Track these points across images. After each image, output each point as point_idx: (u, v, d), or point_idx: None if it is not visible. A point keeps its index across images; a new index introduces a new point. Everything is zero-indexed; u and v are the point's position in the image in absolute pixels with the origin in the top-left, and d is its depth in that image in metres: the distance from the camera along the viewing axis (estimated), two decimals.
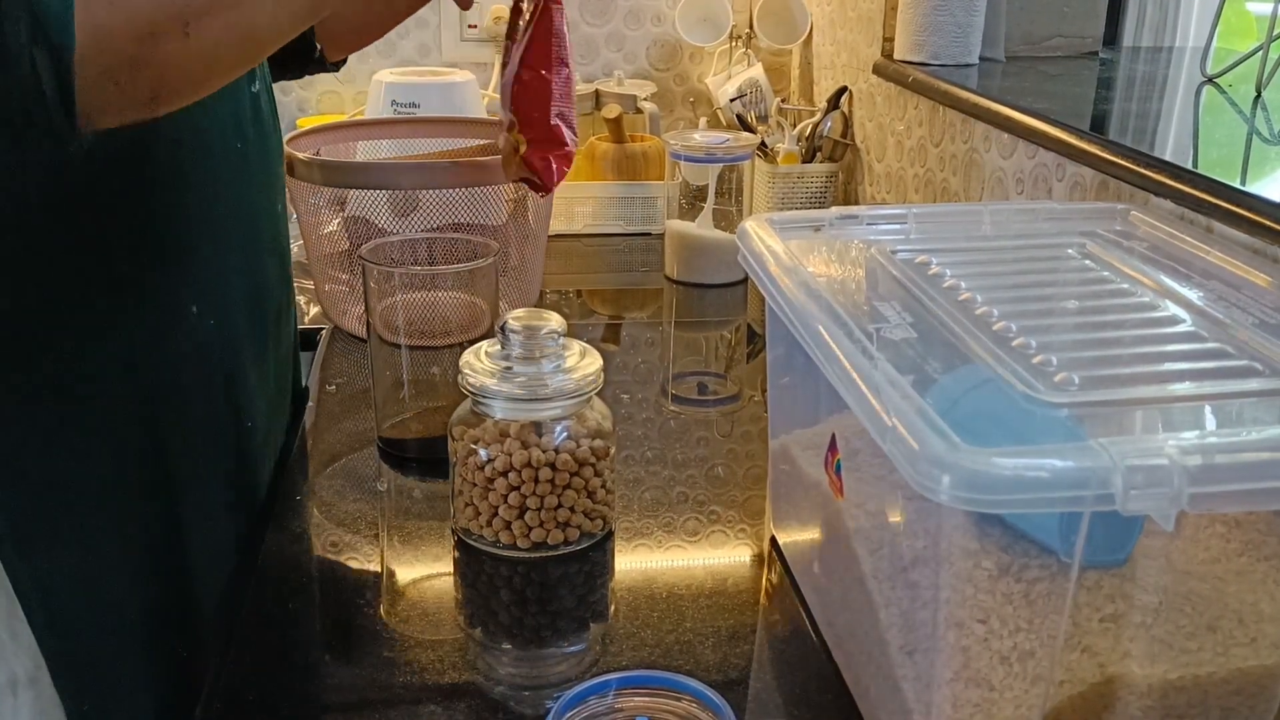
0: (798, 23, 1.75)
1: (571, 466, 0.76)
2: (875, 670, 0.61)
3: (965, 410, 0.52)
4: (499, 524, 0.77)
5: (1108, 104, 1.18)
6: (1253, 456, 0.46)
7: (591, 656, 0.68)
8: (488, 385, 0.75)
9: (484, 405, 0.76)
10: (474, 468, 0.76)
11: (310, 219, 1.15)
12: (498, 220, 1.14)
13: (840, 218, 0.77)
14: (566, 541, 0.77)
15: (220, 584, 0.81)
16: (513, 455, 0.75)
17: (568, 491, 0.76)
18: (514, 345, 0.75)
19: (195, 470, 0.77)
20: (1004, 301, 0.62)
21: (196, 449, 0.77)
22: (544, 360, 0.75)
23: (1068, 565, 0.50)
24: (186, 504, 0.76)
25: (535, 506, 0.76)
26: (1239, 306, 0.62)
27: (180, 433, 0.75)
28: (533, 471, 0.75)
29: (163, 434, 0.74)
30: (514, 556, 0.77)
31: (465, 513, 0.79)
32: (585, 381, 0.76)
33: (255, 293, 0.82)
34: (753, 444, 0.97)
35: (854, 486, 0.62)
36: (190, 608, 0.77)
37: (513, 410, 0.75)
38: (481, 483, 0.76)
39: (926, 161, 1.31)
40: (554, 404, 0.75)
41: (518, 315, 0.76)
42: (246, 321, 0.81)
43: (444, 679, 0.67)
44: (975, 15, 1.28)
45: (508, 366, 0.75)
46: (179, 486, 0.75)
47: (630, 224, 1.56)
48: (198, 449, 0.77)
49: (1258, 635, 0.54)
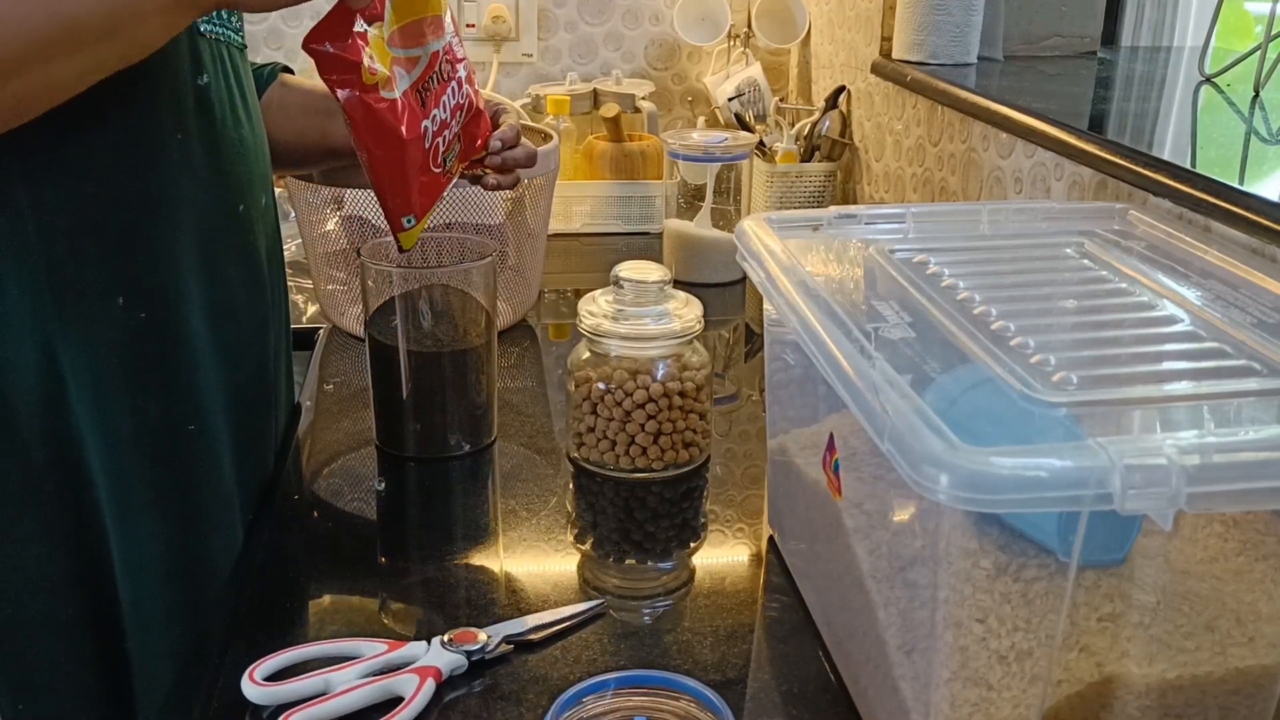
0: (796, 22, 1.75)
1: (692, 393, 0.88)
2: (873, 670, 0.61)
3: (963, 410, 0.52)
4: (635, 450, 0.88)
5: (1106, 103, 1.18)
6: (1251, 456, 0.46)
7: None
8: (604, 325, 0.88)
9: (600, 345, 0.88)
10: (612, 404, 0.87)
11: (308, 218, 1.15)
12: (496, 220, 1.14)
13: (839, 217, 0.77)
14: (690, 461, 0.90)
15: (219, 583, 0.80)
16: (649, 387, 0.87)
17: (690, 415, 0.89)
18: (627, 293, 0.88)
19: (118, 469, 0.73)
20: (1002, 301, 0.62)
21: (119, 445, 0.73)
22: (651, 306, 0.88)
23: (1066, 565, 0.50)
24: (115, 504, 0.73)
25: (669, 431, 0.88)
26: (1237, 306, 0.62)
27: (100, 427, 0.72)
28: (667, 400, 0.87)
29: (78, 427, 0.71)
30: (645, 479, 0.89)
31: (597, 446, 0.89)
32: (690, 323, 0.88)
33: (213, 293, 0.78)
34: (751, 443, 0.97)
35: (852, 486, 0.62)
36: (121, 611, 0.75)
37: (635, 348, 0.87)
38: (620, 416, 0.87)
39: (925, 161, 1.31)
40: (659, 343, 0.87)
41: (628, 266, 0.90)
42: (202, 321, 0.78)
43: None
44: (973, 14, 1.28)
45: (620, 310, 0.88)
46: (105, 487, 0.73)
47: (628, 223, 1.56)
48: (120, 445, 0.73)
49: (1255, 635, 0.54)
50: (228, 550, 0.82)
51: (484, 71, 1.78)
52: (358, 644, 0.68)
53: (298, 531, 0.84)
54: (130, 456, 0.74)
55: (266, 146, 0.87)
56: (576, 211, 1.55)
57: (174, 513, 0.77)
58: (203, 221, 0.77)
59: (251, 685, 0.64)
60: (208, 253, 0.78)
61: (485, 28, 1.76)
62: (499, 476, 0.92)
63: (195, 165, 0.76)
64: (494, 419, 0.95)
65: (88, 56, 0.63)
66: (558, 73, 1.81)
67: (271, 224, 0.89)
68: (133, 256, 0.72)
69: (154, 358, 0.74)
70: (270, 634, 0.71)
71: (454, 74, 0.85)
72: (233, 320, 0.81)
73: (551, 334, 1.24)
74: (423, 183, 0.84)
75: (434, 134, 0.83)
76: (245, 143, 0.82)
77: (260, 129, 0.86)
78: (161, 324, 0.75)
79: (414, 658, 0.66)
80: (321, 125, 0.95)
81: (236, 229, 0.81)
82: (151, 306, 0.74)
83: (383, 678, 0.65)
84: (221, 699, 0.65)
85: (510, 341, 1.18)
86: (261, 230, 0.85)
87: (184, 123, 0.74)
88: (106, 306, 0.71)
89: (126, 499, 0.74)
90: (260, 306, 0.85)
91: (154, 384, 0.75)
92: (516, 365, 1.14)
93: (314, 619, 0.74)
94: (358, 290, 1.11)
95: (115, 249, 0.71)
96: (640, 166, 1.57)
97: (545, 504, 0.86)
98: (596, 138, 1.61)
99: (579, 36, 1.81)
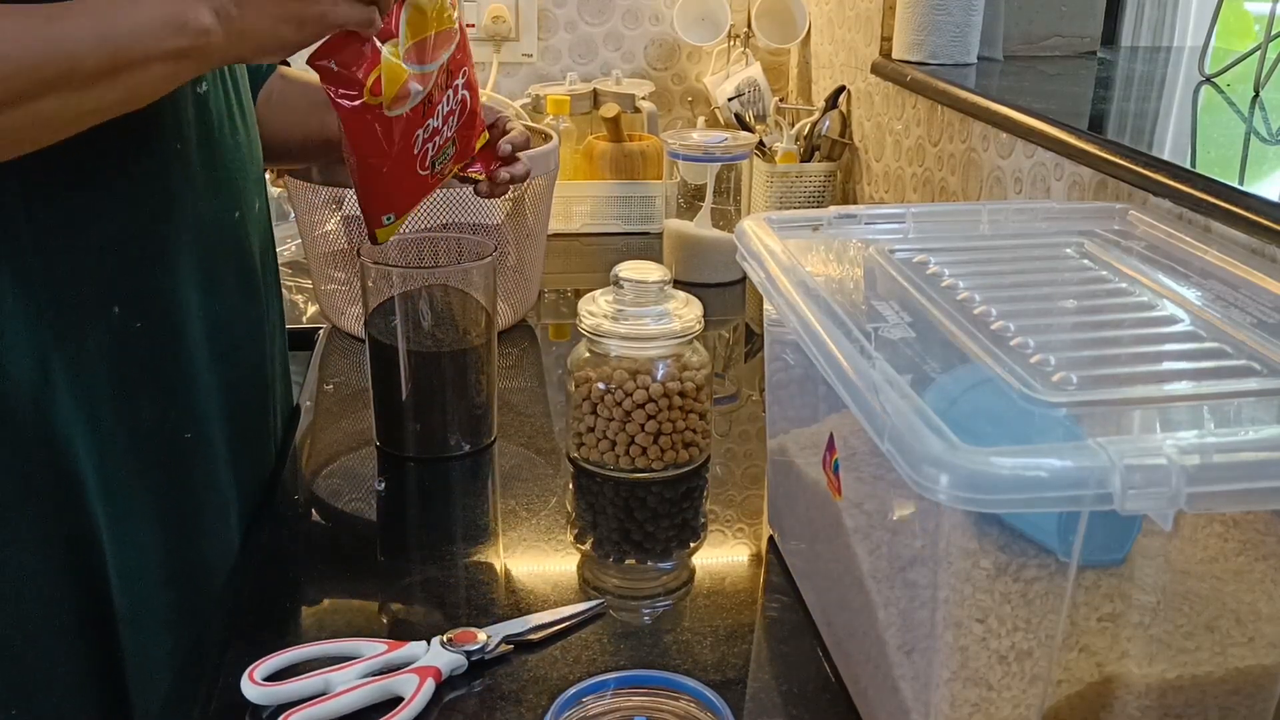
0: (796, 22, 1.75)
1: (692, 393, 0.88)
2: (873, 670, 0.61)
3: (963, 410, 0.52)
4: (635, 450, 0.87)
5: (1106, 103, 1.18)
6: (1250, 456, 0.46)
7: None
8: (604, 326, 0.87)
9: (600, 345, 0.88)
10: (612, 404, 0.87)
11: (308, 218, 1.15)
12: (496, 219, 1.14)
13: (838, 217, 0.77)
14: (690, 461, 0.89)
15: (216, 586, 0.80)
16: (649, 387, 0.86)
17: (690, 415, 0.89)
18: (627, 293, 0.88)
19: (113, 476, 0.73)
20: (1002, 301, 0.62)
21: (114, 452, 0.73)
22: (651, 306, 0.88)
23: (1066, 565, 0.50)
24: (110, 510, 0.73)
25: (669, 431, 0.88)
26: (1237, 306, 0.62)
27: (95, 434, 0.71)
28: (667, 400, 0.87)
29: (67, 432, 0.70)
30: (644, 479, 0.89)
31: (597, 446, 0.89)
32: (690, 323, 0.88)
33: (209, 300, 0.78)
34: (751, 443, 0.97)
35: (852, 486, 0.62)
36: (117, 615, 0.74)
37: (634, 348, 0.87)
38: (620, 416, 0.87)
39: (925, 161, 1.31)
40: (659, 343, 0.88)
41: (628, 266, 0.90)
42: (198, 329, 0.77)
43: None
44: (973, 14, 1.28)
45: (620, 310, 0.88)
46: (98, 493, 0.72)
47: (628, 223, 1.56)
48: (115, 452, 0.73)
49: (1255, 635, 0.54)
50: (225, 554, 0.82)
51: (484, 71, 1.78)
52: (358, 644, 0.68)
53: (298, 532, 0.84)
54: (126, 463, 0.73)
55: (260, 150, 0.87)
56: (576, 211, 1.55)
57: (170, 518, 0.77)
58: (199, 229, 0.77)
59: (251, 685, 0.64)
60: (204, 261, 0.77)
61: (485, 28, 1.76)
62: (499, 476, 0.92)
63: (193, 173, 0.76)
64: (494, 419, 0.95)
65: (86, 97, 0.62)
66: (558, 73, 1.81)
67: (265, 228, 0.89)
68: (129, 266, 0.72)
69: (150, 365, 0.74)
70: (270, 634, 0.71)
71: (454, 80, 0.85)
72: (228, 326, 0.81)
73: (551, 334, 1.24)
74: (408, 186, 0.85)
75: (425, 140, 0.83)
76: (241, 148, 0.82)
77: (254, 132, 0.86)
78: (158, 332, 0.74)
79: (414, 658, 0.66)
80: (321, 118, 0.94)
81: (232, 236, 0.81)
82: (148, 315, 0.73)
83: (383, 678, 0.65)
84: (221, 699, 0.65)
85: (510, 341, 1.18)
86: (256, 235, 0.85)
87: (183, 131, 0.74)
88: (103, 315, 0.71)
89: (122, 505, 0.74)
90: (255, 312, 0.85)
91: (150, 391, 0.75)
92: (516, 365, 1.13)
93: (314, 619, 0.74)
94: (358, 290, 1.11)
95: (112, 258, 0.71)
96: (640, 166, 1.57)
97: (545, 504, 0.86)
98: (596, 138, 1.61)
99: (579, 36, 1.81)
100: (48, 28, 0.60)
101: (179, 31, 0.63)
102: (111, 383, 0.72)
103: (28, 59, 0.59)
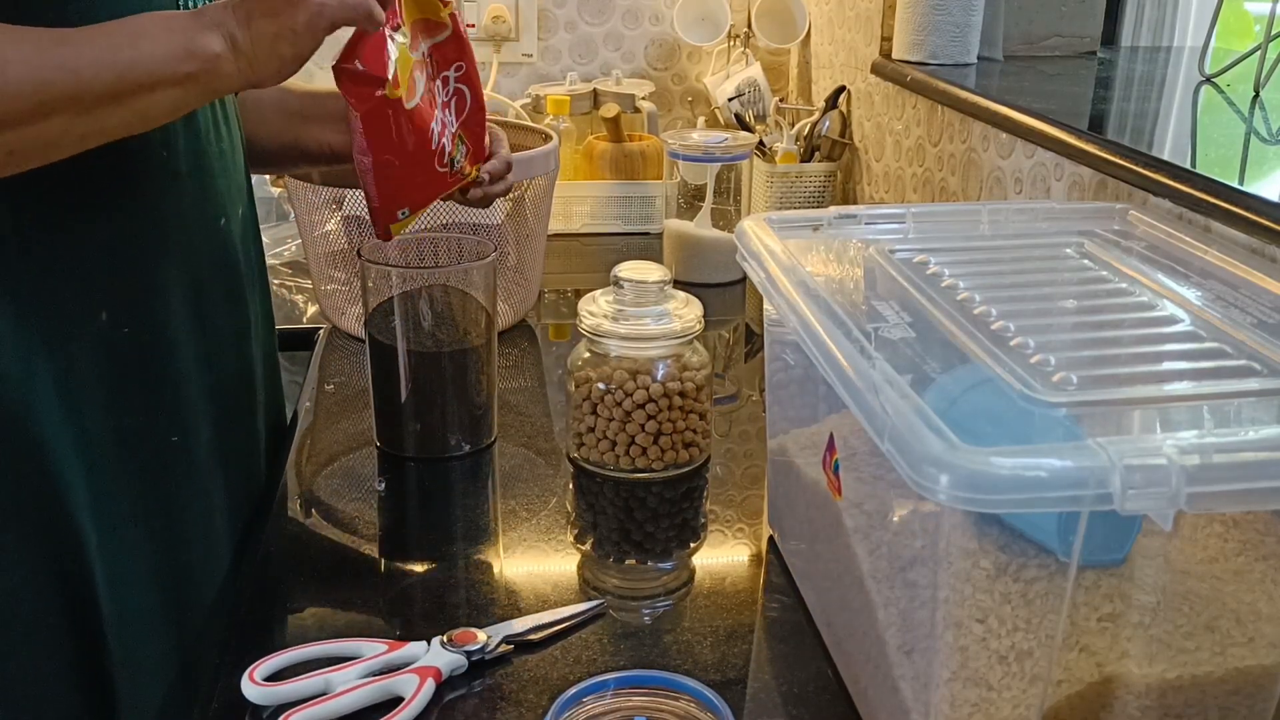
0: (796, 22, 1.75)
1: (692, 393, 0.88)
2: (873, 670, 0.61)
3: (963, 410, 0.52)
4: (635, 450, 0.87)
5: (1106, 103, 1.18)
6: (1250, 456, 0.46)
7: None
8: (604, 326, 0.88)
9: (600, 345, 0.88)
10: (612, 404, 0.87)
11: (308, 218, 1.15)
12: (496, 220, 1.14)
13: (839, 217, 0.77)
14: (690, 461, 0.89)
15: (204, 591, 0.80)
16: (649, 388, 0.86)
17: (690, 415, 0.89)
18: (627, 293, 0.88)
19: (100, 481, 0.72)
20: (1002, 301, 0.62)
21: (100, 458, 0.72)
22: (651, 306, 0.88)
23: (1066, 565, 0.50)
24: (96, 516, 0.72)
25: (669, 431, 0.88)
26: (1237, 306, 0.62)
27: (82, 440, 0.71)
28: (667, 400, 0.87)
29: (54, 437, 0.69)
30: (644, 479, 0.89)
31: (597, 446, 0.89)
32: (690, 323, 0.88)
33: (195, 307, 0.78)
34: (751, 443, 0.97)
35: (852, 486, 0.62)
36: (104, 620, 0.74)
37: (634, 349, 0.88)
38: (620, 416, 0.87)
39: (925, 161, 1.31)
40: (659, 343, 0.87)
41: (628, 266, 0.90)
42: (184, 335, 0.77)
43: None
44: (973, 15, 1.28)
45: (620, 310, 0.88)
46: (85, 498, 0.71)
47: (628, 223, 1.56)
48: (102, 458, 0.72)
49: (1255, 635, 0.54)
50: (212, 557, 0.82)
51: (484, 71, 1.78)
52: (358, 644, 0.68)
53: (298, 532, 0.84)
54: (113, 468, 0.73)
55: (243, 155, 0.87)
56: (576, 211, 1.55)
57: (158, 523, 0.77)
58: (185, 236, 0.77)
59: (251, 685, 0.64)
60: (190, 267, 0.77)
61: (485, 28, 1.76)
62: (499, 477, 0.92)
63: (180, 181, 0.76)
64: (494, 419, 0.96)
65: (92, 119, 0.62)
66: (558, 73, 1.81)
67: (251, 233, 0.88)
68: (116, 273, 0.72)
69: (137, 371, 0.74)
70: (270, 634, 0.71)
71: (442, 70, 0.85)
72: (215, 332, 0.81)
73: (551, 334, 1.24)
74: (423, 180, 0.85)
75: (438, 134, 0.83)
76: (225, 155, 0.82)
77: (238, 138, 0.86)
78: (144, 338, 0.74)
79: (414, 658, 0.66)
80: (295, 129, 0.93)
81: (218, 242, 0.81)
82: (134, 322, 0.73)
83: (383, 678, 0.65)
84: (221, 699, 0.65)
85: (510, 341, 1.18)
86: (240, 241, 0.85)
87: (170, 140, 0.74)
88: (90, 321, 0.71)
89: (109, 510, 0.73)
90: (241, 316, 0.85)
91: (137, 396, 0.74)
92: (516, 365, 1.13)
93: (314, 619, 0.74)
94: (357, 290, 1.11)
95: (99, 266, 0.71)
96: (640, 167, 1.57)
97: (545, 504, 0.86)
98: (596, 138, 1.61)
99: (579, 36, 1.81)
100: (57, 50, 0.60)
101: (187, 57, 0.63)
102: (99, 388, 0.72)
103: (36, 80, 0.59)
